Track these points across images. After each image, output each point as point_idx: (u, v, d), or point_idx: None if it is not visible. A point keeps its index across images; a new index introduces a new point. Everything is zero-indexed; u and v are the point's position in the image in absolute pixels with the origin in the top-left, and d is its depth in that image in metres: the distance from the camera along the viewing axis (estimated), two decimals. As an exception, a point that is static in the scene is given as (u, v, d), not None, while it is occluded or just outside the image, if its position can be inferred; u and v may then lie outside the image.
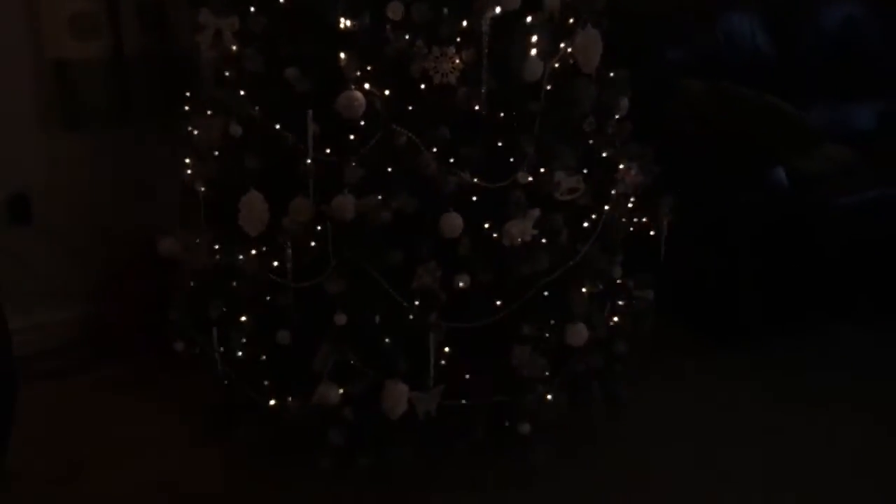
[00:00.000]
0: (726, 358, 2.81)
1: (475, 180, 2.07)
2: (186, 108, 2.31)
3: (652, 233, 2.47)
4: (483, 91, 2.04)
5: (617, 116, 2.35)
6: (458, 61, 2.00)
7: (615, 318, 2.43)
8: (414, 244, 2.09)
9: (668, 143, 2.58)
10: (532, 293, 2.17)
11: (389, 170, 2.06)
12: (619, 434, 2.44)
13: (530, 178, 2.11)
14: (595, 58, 2.21)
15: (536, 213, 2.06)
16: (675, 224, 2.45)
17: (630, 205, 2.42)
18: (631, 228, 2.44)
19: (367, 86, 2.00)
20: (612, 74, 2.32)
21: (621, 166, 2.31)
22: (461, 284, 2.10)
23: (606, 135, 2.32)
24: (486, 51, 2.01)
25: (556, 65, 2.19)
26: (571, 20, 2.21)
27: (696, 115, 2.86)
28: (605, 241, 2.33)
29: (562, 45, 2.19)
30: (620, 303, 2.47)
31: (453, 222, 2.05)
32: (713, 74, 3.20)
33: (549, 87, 2.16)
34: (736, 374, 2.74)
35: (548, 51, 2.15)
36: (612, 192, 2.31)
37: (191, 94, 2.31)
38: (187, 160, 2.32)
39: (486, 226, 2.10)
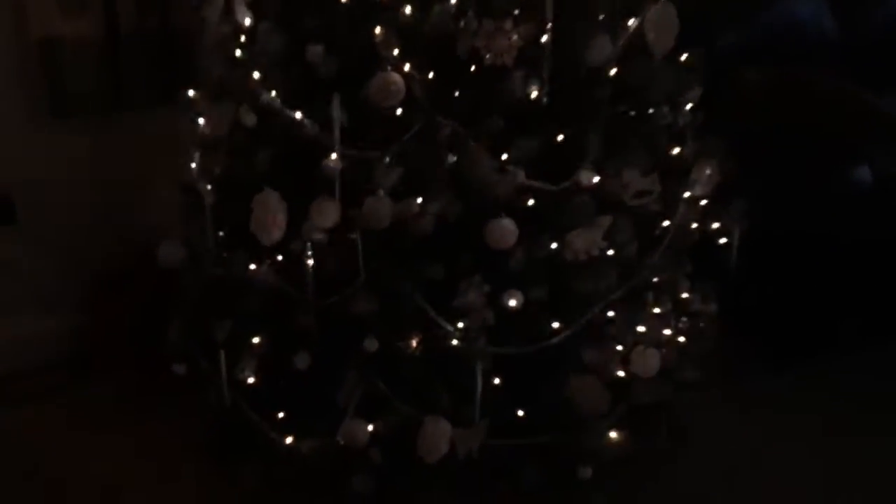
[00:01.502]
0: (798, 379, 2.49)
1: (532, 181, 1.74)
2: (190, 93, 1.98)
3: (722, 241, 2.15)
4: (545, 74, 1.71)
5: (688, 107, 2.03)
6: (515, 38, 1.68)
7: (681, 339, 2.11)
8: (457, 256, 1.78)
9: (728, 139, 2.28)
10: (594, 314, 1.85)
11: (432, 168, 1.74)
12: (684, 471, 2.13)
13: (596, 179, 1.78)
14: (670, 38, 1.88)
15: (607, 221, 1.74)
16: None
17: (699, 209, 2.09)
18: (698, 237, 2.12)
19: (406, 67, 1.67)
20: (683, 57, 2.00)
21: (696, 165, 1.98)
22: (511, 303, 1.78)
23: (678, 128, 1.99)
24: (550, 25, 1.68)
25: (622, 45, 1.86)
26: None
27: (762, 107, 2.53)
28: (673, 252, 2.02)
29: (630, 21, 1.87)
30: (684, 319, 2.15)
31: (505, 230, 1.73)
32: (771, 62, 2.89)
33: (614, 72, 1.84)
34: (810, 398, 2.42)
35: (614, 28, 1.84)
36: (685, 194, 1.98)
37: (195, 77, 1.99)
38: (190, 154, 2.00)
39: (545, 235, 1.77)
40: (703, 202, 2.07)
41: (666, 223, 1.94)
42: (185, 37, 2.32)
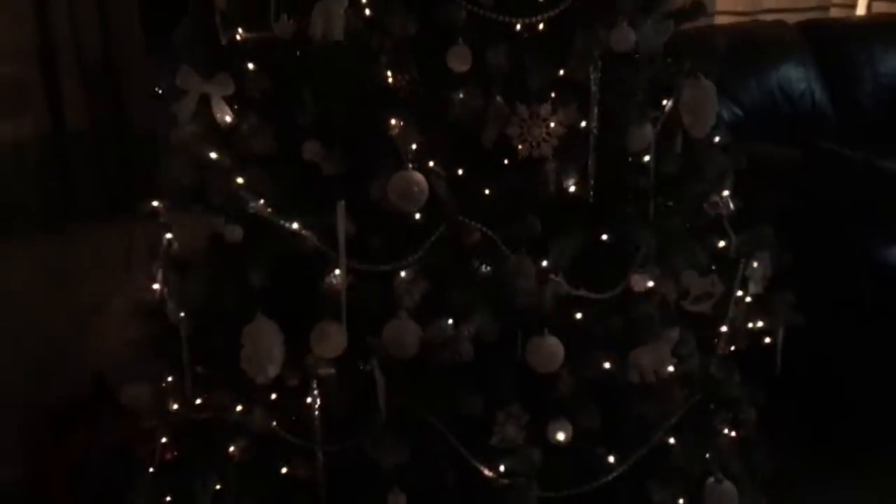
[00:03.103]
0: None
1: (578, 290, 1.47)
2: (155, 204, 1.67)
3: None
4: (591, 164, 1.46)
5: (726, 193, 1.80)
6: (554, 125, 1.43)
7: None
8: (493, 383, 1.48)
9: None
10: (656, 441, 1.57)
11: (461, 281, 1.45)
12: None
13: (650, 283, 1.52)
14: (710, 117, 1.66)
15: (676, 334, 1.48)
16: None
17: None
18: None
19: (430, 163, 1.40)
20: (717, 138, 1.78)
21: (747, 258, 1.74)
22: (560, 436, 1.49)
23: (722, 217, 1.75)
24: (596, 109, 1.44)
25: (658, 128, 1.63)
26: (676, 68, 1.66)
27: (785, 186, 2.34)
28: (726, 359, 1.76)
29: (665, 101, 1.64)
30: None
31: (551, 350, 1.45)
32: (764, 137, 2.76)
33: (654, 158, 1.60)
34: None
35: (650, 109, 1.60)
36: (737, 292, 1.73)
37: (162, 184, 1.68)
38: (159, 275, 1.68)
39: (595, 353, 1.50)
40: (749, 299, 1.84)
41: (722, 328, 1.69)
42: (143, 135, 2.00)
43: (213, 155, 1.57)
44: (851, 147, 2.74)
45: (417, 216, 1.44)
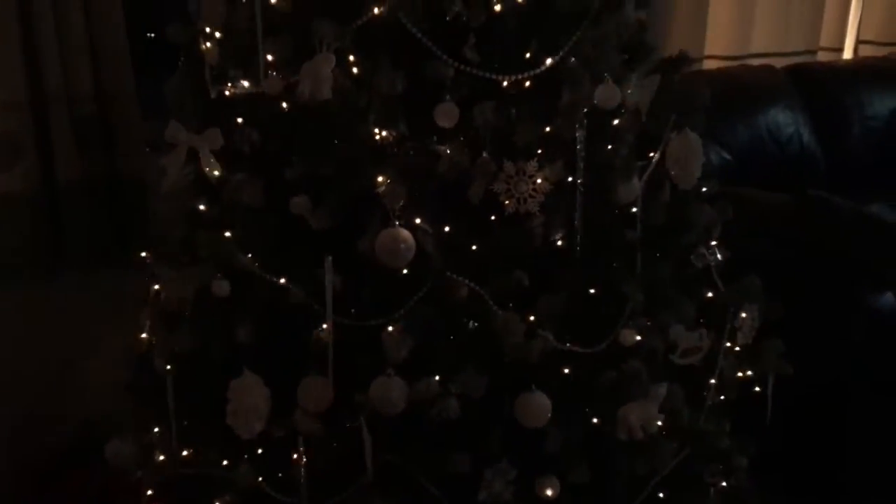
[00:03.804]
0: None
1: (567, 345, 1.47)
2: (144, 255, 1.67)
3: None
4: (577, 220, 1.47)
5: (714, 244, 1.81)
6: (540, 181, 1.43)
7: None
8: (481, 438, 1.48)
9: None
10: (645, 496, 1.56)
11: (447, 337, 1.45)
12: None
13: (638, 337, 1.52)
14: (696, 169, 1.67)
15: (664, 390, 1.47)
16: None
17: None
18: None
19: (417, 220, 1.40)
20: (704, 188, 1.79)
21: (735, 310, 1.74)
22: (548, 492, 1.48)
23: (710, 268, 1.76)
24: (583, 165, 1.45)
25: (645, 180, 1.64)
26: (663, 121, 1.67)
27: (774, 232, 2.35)
28: (716, 411, 1.76)
29: (651, 153, 1.65)
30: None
31: (538, 406, 1.45)
32: (756, 178, 2.77)
33: (642, 210, 1.61)
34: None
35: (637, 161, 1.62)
36: (725, 344, 1.73)
37: (151, 236, 1.68)
38: (144, 325, 1.68)
39: (584, 409, 1.49)
40: (737, 349, 1.84)
41: (711, 381, 1.68)
42: (135, 186, 2.01)
43: (202, 208, 1.59)
44: (840, 190, 2.77)
45: (405, 272, 1.45)
